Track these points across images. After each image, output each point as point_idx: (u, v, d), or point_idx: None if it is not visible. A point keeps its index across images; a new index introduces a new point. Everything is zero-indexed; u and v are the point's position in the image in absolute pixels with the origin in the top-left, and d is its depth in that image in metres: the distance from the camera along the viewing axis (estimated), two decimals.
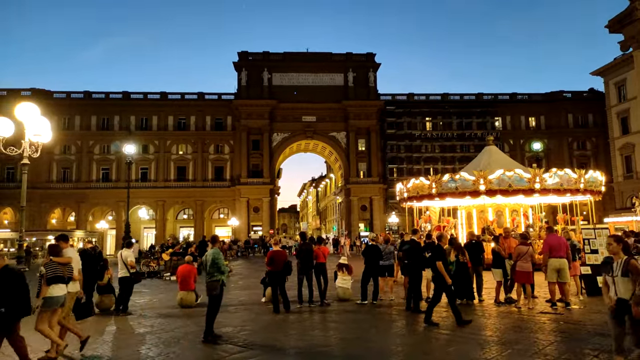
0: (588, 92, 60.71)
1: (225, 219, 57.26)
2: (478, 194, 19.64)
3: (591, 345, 7.29)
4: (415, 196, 22.79)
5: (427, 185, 21.25)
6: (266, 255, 12.84)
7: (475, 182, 19.59)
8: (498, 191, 19.43)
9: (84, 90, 57.13)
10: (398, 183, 25.91)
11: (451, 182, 20.41)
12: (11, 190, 49.67)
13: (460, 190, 20.05)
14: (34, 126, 11.79)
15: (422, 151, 57.88)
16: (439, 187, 20.50)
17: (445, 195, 20.94)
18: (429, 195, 21.62)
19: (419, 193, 22.18)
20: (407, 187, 23.29)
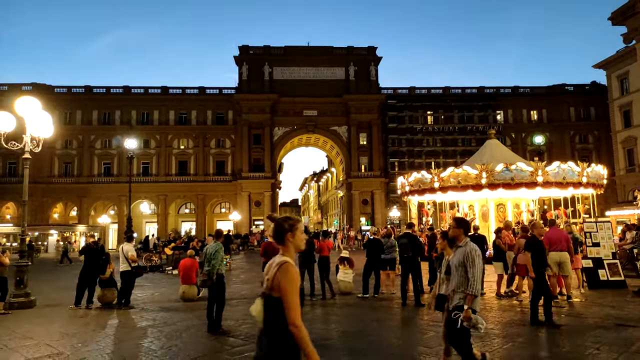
0: (590, 85, 60.43)
1: (227, 213, 57.36)
2: (496, 186, 19.60)
3: (592, 338, 7.30)
4: (417, 189, 22.69)
5: (475, 176, 19.93)
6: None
7: (533, 173, 19.34)
8: (501, 184, 19.39)
9: (85, 85, 57.09)
10: (423, 171, 23.71)
11: (506, 172, 19.73)
12: (13, 185, 49.80)
13: (516, 182, 19.45)
14: (35, 121, 11.80)
15: (424, 145, 57.77)
16: (491, 178, 19.64)
17: (467, 188, 20.46)
18: (440, 189, 21.35)
19: (446, 184, 21.48)
20: (441, 177, 21.73)
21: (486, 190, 20.06)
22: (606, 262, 12.71)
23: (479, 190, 20.10)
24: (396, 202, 51.71)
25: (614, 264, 12.95)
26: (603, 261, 12.71)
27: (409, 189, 23.27)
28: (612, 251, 13.20)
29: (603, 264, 12.68)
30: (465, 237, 5.06)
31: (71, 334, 8.58)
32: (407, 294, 10.85)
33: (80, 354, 7.07)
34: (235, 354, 6.88)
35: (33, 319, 10.09)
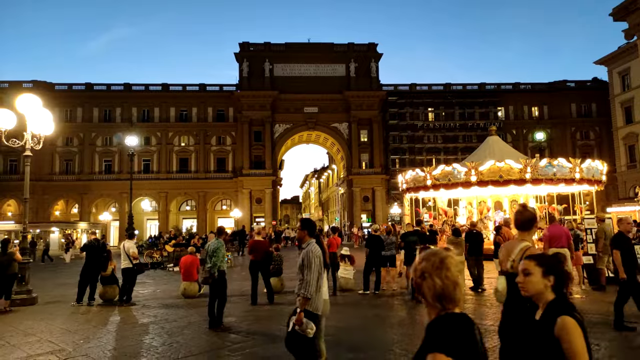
0: (592, 81, 60.28)
1: (228, 210, 57.40)
2: (520, 182, 19.63)
3: (593, 334, 7.30)
4: (412, 187, 22.86)
5: (519, 170, 19.71)
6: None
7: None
8: (489, 182, 19.65)
9: (86, 82, 57.06)
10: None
11: (549, 167, 19.82)
12: (14, 182, 49.86)
13: (558, 177, 19.55)
14: (36, 118, 11.81)
15: (425, 142, 57.71)
16: (535, 173, 19.57)
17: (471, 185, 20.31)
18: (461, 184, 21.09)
19: (451, 181, 21.42)
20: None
21: (475, 187, 20.12)
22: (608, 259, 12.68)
23: (469, 187, 20.19)
24: (397, 198, 51.71)
25: None
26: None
27: (406, 187, 23.51)
28: None
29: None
30: (310, 238, 4.74)
31: (73, 330, 8.62)
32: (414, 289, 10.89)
33: (82, 351, 7.09)
34: (237, 350, 6.90)
35: (35, 316, 10.13)
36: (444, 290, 1.86)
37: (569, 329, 2.27)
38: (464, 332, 1.81)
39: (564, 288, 2.52)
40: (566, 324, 2.29)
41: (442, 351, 1.73)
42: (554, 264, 2.53)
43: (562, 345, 2.27)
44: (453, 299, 1.87)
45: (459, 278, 1.89)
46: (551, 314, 2.37)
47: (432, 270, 1.88)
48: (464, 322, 1.86)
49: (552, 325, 2.32)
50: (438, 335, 1.79)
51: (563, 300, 2.45)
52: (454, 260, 1.93)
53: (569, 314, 2.32)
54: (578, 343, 2.26)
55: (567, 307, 2.38)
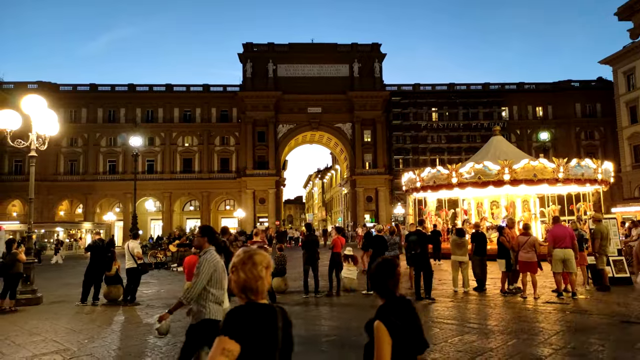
0: (596, 81, 60.01)
1: (232, 210, 57.51)
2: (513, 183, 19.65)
3: (597, 335, 7.28)
4: (431, 185, 22.09)
5: (552, 169, 19.86)
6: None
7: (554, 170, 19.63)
8: (523, 181, 19.56)
9: (90, 83, 57.31)
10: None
11: (578, 168, 20.11)
12: (19, 183, 50.14)
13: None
14: (41, 119, 11.86)
15: (428, 142, 57.61)
16: (566, 172, 19.84)
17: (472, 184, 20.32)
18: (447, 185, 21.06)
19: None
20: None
21: (507, 186, 20.01)
22: (612, 259, 12.64)
23: (500, 186, 19.93)
24: (400, 199, 51.63)
25: (619, 260, 12.89)
26: (609, 258, 12.64)
27: (420, 185, 22.61)
28: (617, 248, 13.14)
29: (609, 260, 12.61)
30: (209, 245, 4.69)
31: (77, 330, 8.66)
32: (420, 289, 10.88)
33: (87, 350, 7.13)
34: None
35: (40, 316, 10.18)
36: (246, 282, 2.07)
37: (378, 334, 2.43)
38: (256, 321, 1.98)
39: (390, 294, 2.61)
40: (377, 329, 2.44)
41: (229, 335, 1.92)
42: (372, 274, 2.67)
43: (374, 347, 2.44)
44: (256, 291, 2.08)
45: (263, 273, 2.12)
46: (376, 316, 2.53)
47: (239, 265, 2.11)
48: (262, 311, 2.04)
49: (372, 328, 2.48)
50: (229, 322, 1.97)
51: (386, 305, 2.57)
52: (262, 258, 2.16)
53: (383, 320, 2.46)
54: (382, 348, 2.39)
55: (384, 313, 2.51)
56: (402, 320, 2.51)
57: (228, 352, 1.89)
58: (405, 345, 2.46)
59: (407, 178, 24.76)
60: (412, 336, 2.52)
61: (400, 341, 2.44)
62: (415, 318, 2.64)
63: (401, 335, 2.45)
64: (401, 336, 2.45)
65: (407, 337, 2.48)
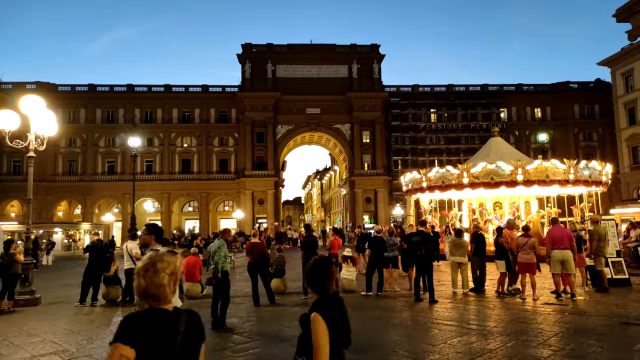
0: (595, 82, 60.15)
1: (231, 211, 57.48)
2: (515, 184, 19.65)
3: (596, 336, 7.29)
4: (439, 185, 21.82)
5: (563, 171, 19.91)
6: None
7: (566, 171, 19.70)
8: (536, 182, 19.66)
9: (89, 84, 57.24)
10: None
11: (586, 170, 20.37)
12: (17, 183, 50.06)
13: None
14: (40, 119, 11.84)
15: (427, 143, 57.66)
16: (576, 174, 19.96)
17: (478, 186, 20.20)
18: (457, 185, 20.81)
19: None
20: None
21: (521, 187, 19.95)
22: (610, 261, 12.66)
23: (514, 186, 19.83)
24: (399, 200, 51.68)
25: (618, 262, 12.91)
26: (607, 259, 12.66)
27: (426, 185, 22.19)
28: (616, 249, 13.16)
29: (607, 262, 12.63)
30: (156, 243, 4.61)
31: (76, 331, 8.64)
32: (420, 290, 10.89)
33: (86, 351, 7.11)
34: (240, 351, 6.91)
35: (38, 316, 10.15)
36: (146, 290, 2.11)
37: (316, 325, 2.57)
38: (151, 326, 2.04)
39: (325, 290, 2.79)
40: (314, 320, 2.59)
41: (122, 341, 1.98)
42: (309, 272, 2.84)
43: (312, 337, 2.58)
44: (157, 297, 2.12)
45: (166, 280, 2.14)
46: (311, 309, 2.68)
47: (141, 272, 2.15)
48: (160, 317, 2.09)
49: (309, 319, 2.64)
50: (122, 328, 2.04)
51: (322, 300, 2.75)
52: (166, 265, 2.18)
53: (320, 312, 2.61)
54: (320, 338, 2.54)
55: (321, 306, 2.67)
56: (338, 315, 2.68)
57: (125, 358, 1.96)
58: (337, 339, 2.61)
59: (409, 178, 24.34)
60: (343, 331, 2.67)
61: (334, 334, 2.59)
62: (345, 315, 2.80)
63: (336, 329, 2.61)
64: (336, 329, 2.61)
65: (342, 330, 2.65)
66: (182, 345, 2.07)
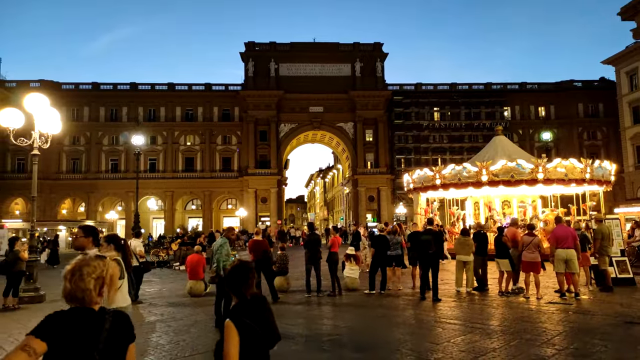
0: (599, 81, 59.87)
1: (234, 210, 57.52)
2: (535, 182, 19.66)
3: (600, 335, 7.27)
4: (456, 183, 21.32)
5: (580, 170, 20.02)
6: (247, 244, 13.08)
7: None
8: (555, 180, 19.74)
9: (92, 82, 57.31)
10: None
11: (599, 169, 20.63)
12: (22, 181, 50.24)
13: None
14: (44, 117, 11.87)
15: (430, 141, 57.55)
16: (592, 173, 20.15)
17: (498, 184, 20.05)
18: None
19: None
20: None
21: (540, 185, 20.05)
22: (615, 260, 12.62)
23: (534, 185, 19.84)
24: (402, 198, 51.62)
25: (622, 261, 12.87)
26: (612, 258, 12.62)
27: (440, 182, 21.68)
28: (620, 248, 13.11)
29: (612, 261, 12.59)
30: (93, 246, 4.61)
31: None
32: (425, 288, 10.86)
33: None
34: None
35: (42, 313, 10.05)
36: (71, 292, 2.26)
37: (227, 331, 2.63)
38: (71, 324, 2.20)
39: (243, 295, 2.81)
40: (226, 327, 2.65)
41: (35, 334, 2.14)
42: (228, 276, 2.87)
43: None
44: (82, 300, 2.26)
45: (91, 284, 2.27)
46: (226, 315, 2.74)
47: (68, 276, 2.28)
48: (82, 316, 2.24)
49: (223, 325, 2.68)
50: (41, 324, 2.19)
51: (238, 305, 2.79)
52: (93, 269, 2.30)
53: (232, 319, 2.66)
54: (229, 345, 2.60)
55: (235, 313, 2.72)
56: (253, 318, 2.72)
57: (30, 348, 2.10)
58: (255, 341, 2.68)
59: (418, 176, 23.61)
60: (262, 332, 2.73)
61: (250, 338, 2.65)
62: (269, 315, 2.87)
63: (250, 333, 2.66)
64: (250, 333, 2.66)
65: (257, 334, 2.69)
66: (106, 342, 2.19)
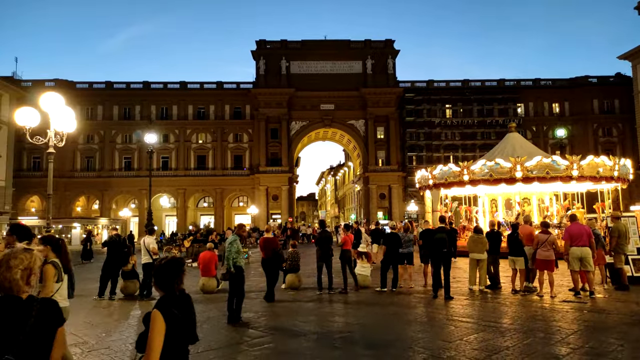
0: (615, 76, 58.88)
1: (245, 207, 57.82)
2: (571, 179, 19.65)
3: (616, 334, 7.16)
4: (487, 179, 20.72)
5: (609, 167, 20.04)
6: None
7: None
8: (589, 177, 19.75)
9: (106, 81, 57.98)
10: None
11: (624, 168, 20.91)
12: (37, 179, 51.06)
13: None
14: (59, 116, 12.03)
15: (442, 139, 57.18)
16: (620, 171, 20.27)
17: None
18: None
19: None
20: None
21: (574, 183, 20.18)
22: (631, 258, 12.41)
23: (568, 182, 19.92)
24: (414, 196, 51.38)
25: (638, 259, 12.65)
26: (628, 257, 12.42)
27: (468, 179, 21.06)
28: (637, 247, 12.89)
29: (628, 259, 12.38)
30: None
31: (95, 324, 8.80)
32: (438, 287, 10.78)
33: (105, 344, 7.24)
34: (255, 345, 6.96)
35: None
36: (0, 283, 2.43)
37: (154, 321, 2.67)
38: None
39: (172, 289, 2.86)
40: (153, 317, 2.68)
41: None
42: (158, 270, 2.91)
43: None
44: (10, 289, 2.43)
45: (18, 275, 2.43)
46: (154, 307, 2.76)
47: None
48: (8, 303, 2.40)
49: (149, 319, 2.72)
50: None
51: (166, 298, 2.83)
52: (19, 261, 2.45)
53: (160, 309, 2.70)
54: (154, 335, 2.63)
55: (163, 304, 2.75)
56: (180, 312, 2.76)
57: None
58: (178, 335, 2.72)
59: (441, 171, 22.82)
60: (186, 328, 2.78)
61: (175, 330, 2.69)
62: (192, 313, 2.94)
63: (177, 325, 2.70)
64: (177, 326, 2.69)
65: (182, 328, 2.74)
66: (33, 327, 2.37)
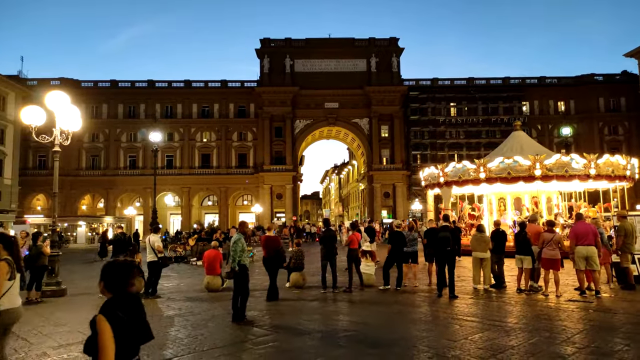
0: (621, 74, 58.51)
1: (249, 205, 57.94)
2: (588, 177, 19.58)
3: (622, 334, 7.13)
4: (505, 177, 20.28)
5: (623, 167, 20.31)
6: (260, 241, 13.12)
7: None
8: (604, 176, 19.74)
9: (111, 79, 58.24)
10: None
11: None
12: (43, 178, 51.35)
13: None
14: (65, 114, 12.08)
15: (447, 137, 57.04)
16: (632, 170, 20.49)
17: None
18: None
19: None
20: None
21: (591, 181, 20.13)
22: (637, 257, 12.34)
23: (586, 180, 19.84)
24: (418, 194, 51.29)
25: None
26: (634, 256, 12.34)
27: (484, 176, 20.62)
28: None
29: (634, 258, 12.31)
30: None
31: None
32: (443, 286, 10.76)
33: None
34: (260, 344, 6.98)
35: (64, 307, 10.44)
36: None
37: (100, 326, 2.66)
38: None
39: (121, 291, 2.88)
40: (98, 322, 2.68)
41: None
42: (107, 271, 2.93)
43: None
44: None
45: None
46: (99, 311, 2.75)
47: None
48: None
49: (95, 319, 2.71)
50: None
51: (112, 300, 2.83)
52: None
53: (104, 314, 2.70)
54: (104, 339, 2.63)
55: (108, 307, 2.75)
56: (127, 314, 2.76)
57: None
58: (128, 336, 2.71)
59: (453, 168, 22.43)
60: (135, 328, 2.78)
61: (123, 332, 2.68)
62: (141, 312, 2.92)
63: (123, 327, 2.69)
64: (123, 328, 2.69)
65: (130, 329, 2.73)
66: None
